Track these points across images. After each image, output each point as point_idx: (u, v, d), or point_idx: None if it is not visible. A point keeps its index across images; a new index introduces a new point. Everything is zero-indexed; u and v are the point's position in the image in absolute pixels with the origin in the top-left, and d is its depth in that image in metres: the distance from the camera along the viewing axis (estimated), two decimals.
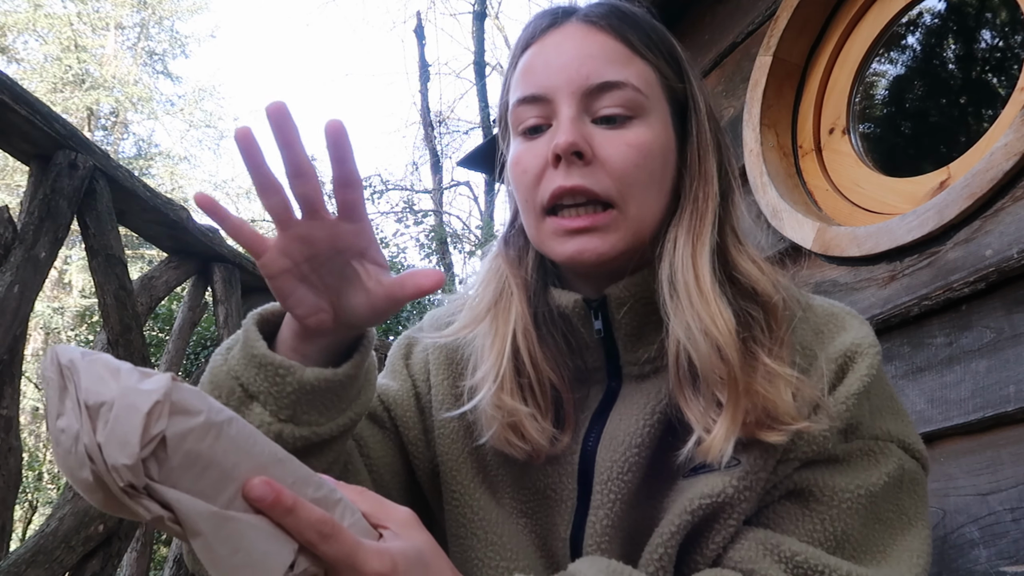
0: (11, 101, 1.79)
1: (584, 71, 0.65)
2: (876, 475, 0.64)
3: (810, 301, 0.73)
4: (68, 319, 13.03)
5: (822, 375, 0.65)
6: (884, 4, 1.69)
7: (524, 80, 0.68)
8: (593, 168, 0.64)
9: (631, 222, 0.65)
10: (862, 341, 0.67)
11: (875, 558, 0.63)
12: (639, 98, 0.66)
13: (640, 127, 0.66)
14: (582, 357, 0.71)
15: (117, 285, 2.08)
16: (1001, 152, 1.27)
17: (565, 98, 0.65)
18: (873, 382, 0.66)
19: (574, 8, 0.70)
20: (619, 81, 0.65)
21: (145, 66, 17.75)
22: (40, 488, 8.50)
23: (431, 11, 17.57)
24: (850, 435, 0.65)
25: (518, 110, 0.68)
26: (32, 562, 1.70)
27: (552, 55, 0.67)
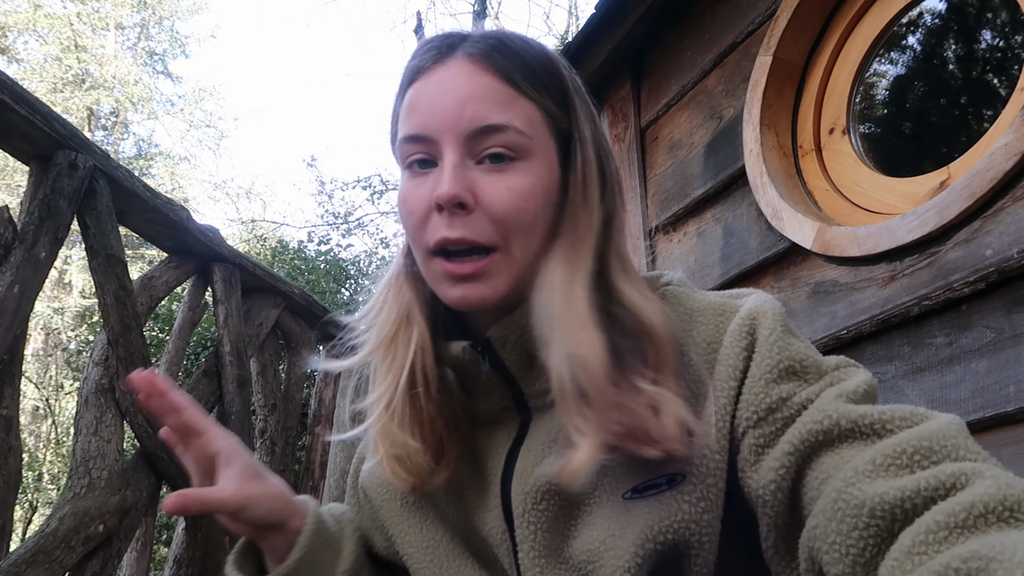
0: (11, 101, 1.79)
1: (467, 114, 0.64)
2: (852, 384, 0.61)
3: (702, 297, 0.72)
4: (68, 319, 13.03)
5: (730, 359, 0.64)
6: (884, 4, 1.69)
7: (410, 117, 0.67)
8: (476, 216, 0.64)
9: (515, 264, 0.65)
10: (756, 304, 0.67)
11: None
12: (522, 140, 0.65)
13: (523, 169, 0.65)
14: (488, 398, 0.71)
15: (117, 285, 2.08)
16: (1001, 152, 1.27)
17: (449, 142, 0.64)
18: (785, 324, 0.65)
19: (460, 40, 0.68)
20: (501, 124, 0.64)
21: (145, 66, 17.75)
22: (40, 488, 8.50)
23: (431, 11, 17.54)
24: (806, 375, 0.63)
25: (404, 146, 0.67)
26: (32, 562, 1.70)
27: (436, 94, 0.65)
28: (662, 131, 2.18)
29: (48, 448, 9.19)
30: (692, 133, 2.06)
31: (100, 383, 2.04)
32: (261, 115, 34.15)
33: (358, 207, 11.96)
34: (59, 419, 8.92)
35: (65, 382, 8.90)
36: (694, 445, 0.63)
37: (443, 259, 0.65)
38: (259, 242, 11.48)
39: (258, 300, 2.89)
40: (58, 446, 8.73)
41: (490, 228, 0.64)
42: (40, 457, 8.94)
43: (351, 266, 8.61)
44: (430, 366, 0.69)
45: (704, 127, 2.02)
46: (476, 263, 0.64)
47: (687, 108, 2.10)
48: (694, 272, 1.96)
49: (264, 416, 2.86)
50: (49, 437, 9.48)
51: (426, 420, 0.69)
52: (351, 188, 11.99)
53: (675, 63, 2.15)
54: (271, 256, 8.13)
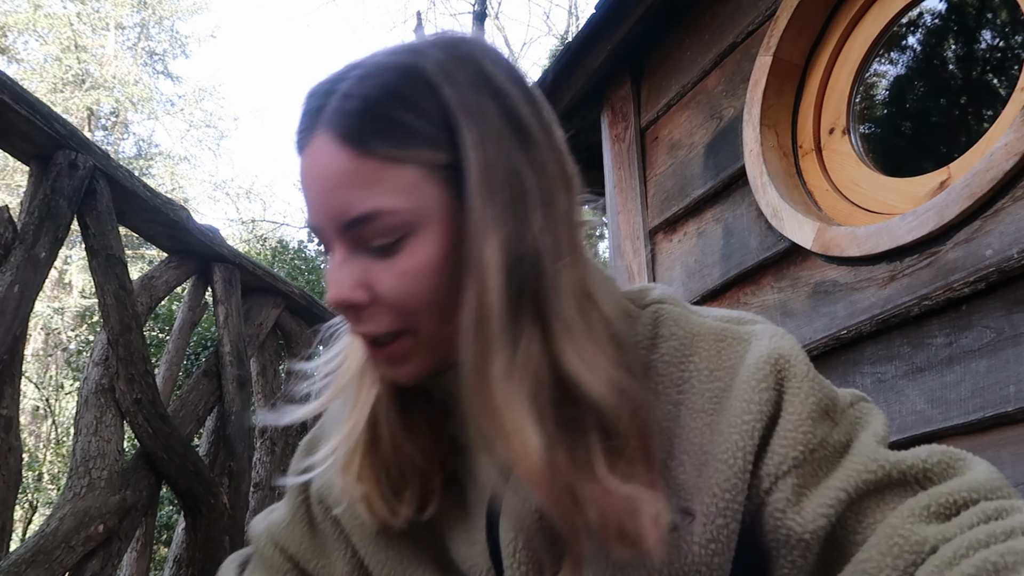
0: (11, 101, 1.79)
1: (335, 207, 0.57)
2: (878, 425, 0.61)
3: (699, 320, 0.66)
4: (68, 319, 13.03)
5: (753, 399, 0.59)
6: (884, 4, 1.69)
7: (304, 202, 0.63)
8: (374, 309, 0.58)
9: (428, 342, 0.60)
10: (779, 344, 0.62)
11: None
12: (400, 218, 0.56)
13: (413, 247, 0.57)
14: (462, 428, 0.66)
15: (117, 285, 2.08)
16: (1001, 152, 1.27)
17: (333, 236, 0.59)
18: (811, 365, 0.62)
19: (322, 104, 0.58)
20: (370, 213, 0.56)
21: (145, 66, 17.75)
22: (40, 488, 8.50)
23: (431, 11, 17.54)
24: (836, 415, 0.61)
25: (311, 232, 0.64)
26: (32, 562, 1.70)
27: (308, 185, 0.59)
28: (662, 131, 2.18)
29: (48, 448, 9.20)
30: (692, 133, 2.06)
31: (100, 383, 2.04)
32: (261, 115, 34.15)
33: None
34: (59, 419, 8.92)
35: (65, 382, 8.91)
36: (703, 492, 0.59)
37: (364, 343, 0.61)
38: (259, 242, 11.48)
39: (258, 300, 2.89)
40: (58, 446, 8.73)
41: (391, 317, 0.59)
42: (40, 457, 8.94)
43: None
44: (392, 406, 0.64)
45: (704, 127, 2.02)
46: (389, 348, 0.60)
47: (687, 108, 2.10)
48: (694, 272, 1.96)
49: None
50: (49, 437, 9.48)
51: (390, 463, 0.65)
52: None
53: (675, 63, 2.15)
54: (271, 256, 8.13)
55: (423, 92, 0.57)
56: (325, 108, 0.58)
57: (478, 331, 0.55)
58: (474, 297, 0.55)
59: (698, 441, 0.61)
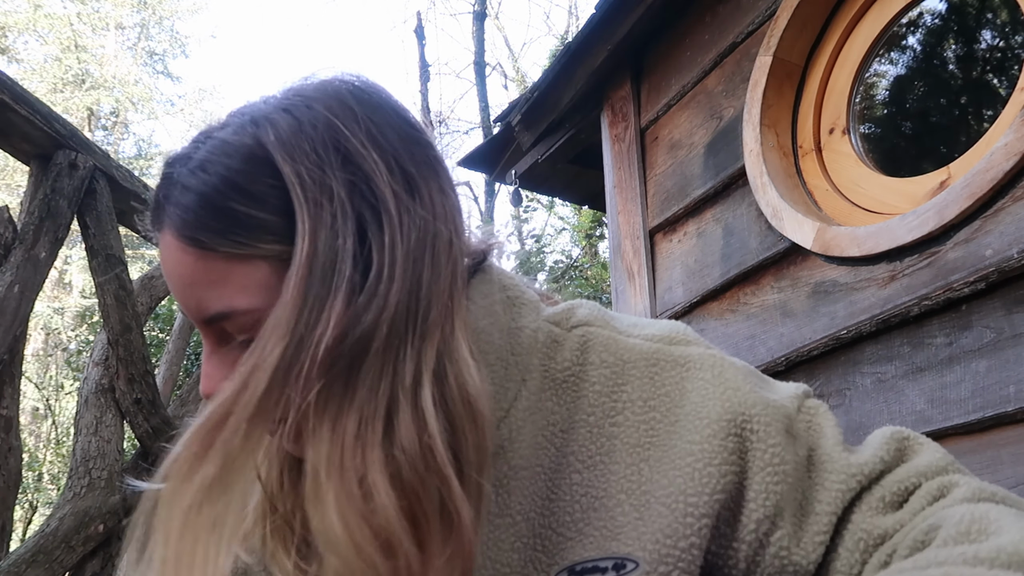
0: (11, 101, 1.79)
1: (191, 305, 0.55)
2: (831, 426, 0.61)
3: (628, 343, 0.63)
4: (68, 319, 13.03)
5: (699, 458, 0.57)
6: (884, 4, 1.69)
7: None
8: None
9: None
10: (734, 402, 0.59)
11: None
12: (254, 316, 0.53)
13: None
14: None
15: (117, 285, 2.08)
16: (1001, 152, 1.27)
17: (199, 326, 0.56)
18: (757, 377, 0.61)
19: (169, 188, 0.55)
20: (223, 312, 0.54)
21: (145, 66, 17.76)
22: (40, 488, 8.51)
23: (431, 11, 17.56)
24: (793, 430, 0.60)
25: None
26: (32, 562, 1.70)
27: (164, 274, 0.57)
28: (662, 131, 2.18)
29: (48, 448, 9.20)
30: (692, 133, 2.06)
31: (100, 383, 2.05)
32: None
33: None
34: (59, 419, 8.93)
35: (65, 382, 8.91)
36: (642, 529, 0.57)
37: None
38: None
39: None
40: (58, 446, 8.73)
41: None
42: (40, 457, 8.95)
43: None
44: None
45: (704, 127, 2.02)
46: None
47: (687, 108, 2.10)
48: (694, 272, 1.96)
49: None
50: (49, 437, 9.48)
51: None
52: None
53: (675, 63, 2.15)
54: None
55: (263, 176, 0.53)
56: (169, 199, 0.55)
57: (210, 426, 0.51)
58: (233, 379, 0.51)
59: (636, 479, 0.58)
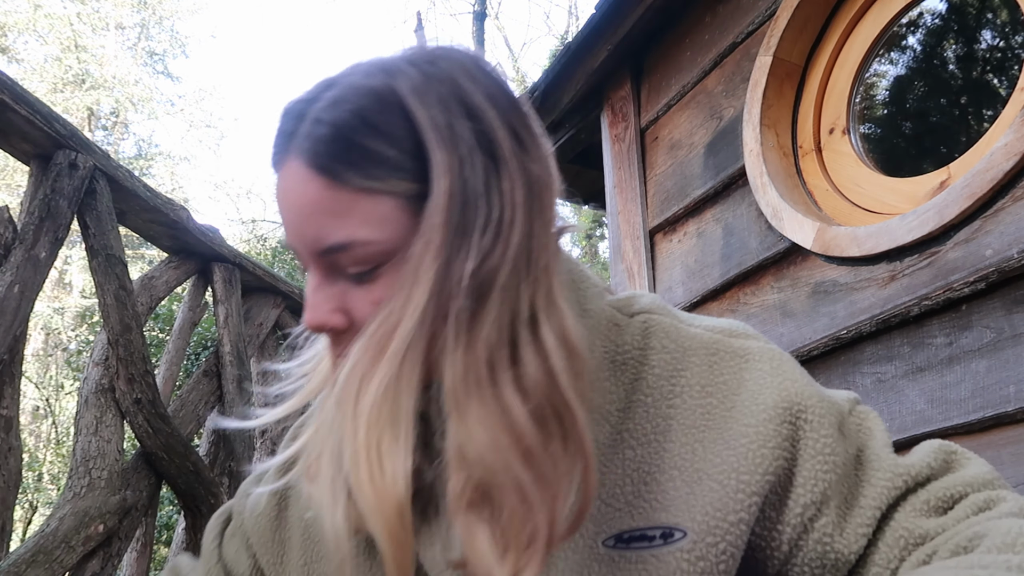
0: (11, 101, 1.79)
1: (310, 234, 0.57)
2: (881, 431, 0.64)
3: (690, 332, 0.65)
4: (68, 319, 13.03)
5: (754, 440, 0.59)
6: (884, 4, 1.69)
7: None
8: (352, 333, 0.58)
9: None
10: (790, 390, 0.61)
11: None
12: (374, 248, 0.55)
13: (385, 276, 0.57)
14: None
15: (117, 285, 2.08)
16: (1001, 152, 1.27)
17: (308, 260, 0.58)
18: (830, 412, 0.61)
19: (295, 126, 0.57)
20: (342, 244, 0.55)
21: (145, 66, 17.76)
22: (40, 488, 8.51)
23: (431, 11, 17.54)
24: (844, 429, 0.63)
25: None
26: (32, 562, 1.70)
27: (283, 205, 0.59)
28: (662, 131, 2.18)
29: (48, 448, 9.20)
30: (692, 133, 2.06)
31: (100, 383, 2.05)
32: (261, 115, 34.17)
33: None
34: (59, 419, 8.93)
35: (65, 382, 8.91)
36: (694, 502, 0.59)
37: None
38: (259, 242, 11.48)
39: (258, 300, 2.89)
40: (58, 446, 8.73)
41: None
42: (40, 457, 8.95)
43: None
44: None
45: (704, 127, 2.02)
46: None
47: (687, 108, 2.10)
48: (694, 272, 1.96)
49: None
50: (49, 437, 9.48)
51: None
52: None
53: (675, 63, 2.15)
54: (271, 256, 8.13)
55: (395, 118, 0.55)
56: (297, 132, 0.57)
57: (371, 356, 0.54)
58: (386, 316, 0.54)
59: (689, 457, 0.60)
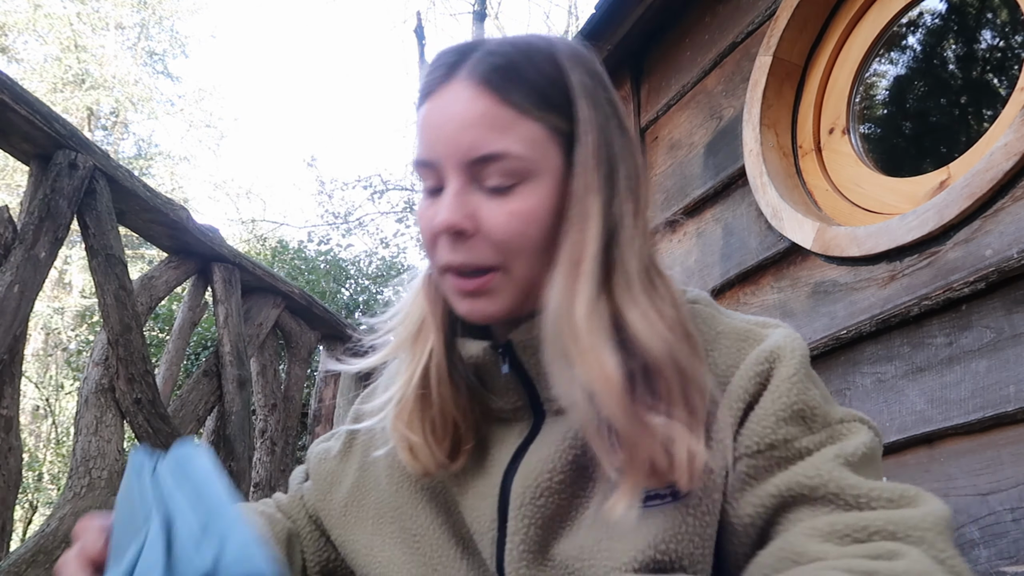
0: (11, 101, 1.79)
1: (465, 142, 0.64)
2: (852, 445, 0.63)
3: (727, 320, 0.71)
4: (68, 319, 13.03)
5: (742, 386, 0.65)
6: (884, 4, 1.69)
7: (420, 141, 0.68)
8: (476, 240, 0.65)
9: (517, 282, 0.66)
10: (781, 341, 0.67)
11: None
12: (522, 164, 0.65)
13: (526, 192, 0.65)
14: (504, 397, 0.73)
15: (117, 285, 2.08)
16: (1001, 152, 1.27)
17: (451, 169, 0.65)
18: (805, 368, 0.65)
19: (465, 56, 0.67)
20: (499, 153, 0.64)
21: (145, 66, 17.75)
22: (40, 488, 8.51)
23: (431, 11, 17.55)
24: (811, 423, 0.64)
25: (417, 169, 0.69)
26: (32, 562, 1.70)
27: (439, 119, 0.66)
28: (662, 131, 2.18)
29: (48, 448, 9.20)
30: (692, 133, 2.06)
31: (100, 383, 2.04)
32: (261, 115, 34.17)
33: (358, 207, 11.97)
34: (59, 419, 8.93)
35: (65, 382, 8.91)
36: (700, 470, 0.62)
37: (452, 275, 0.67)
38: (259, 242, 11.48)
39: (258, 300, 2.89)
40: (58, 446, 8.73)
41: (490, 252, 0.65)
42: (40, 457, 8.95)
43: (351, 266, 8.61)
44: (441, 367, 0.71)
45: (704, 127, 2.02)
46: (479, 280, 0.66)
47: (687, 108, 2.10)
48: (694, 272, 1.96)
49: (264, 416, 2.86)
50: (49, 437, 9.48)
51: (436, 417, 0.71)
52: (351, 188, 12.00)
53: (675, 63, 2.15)
54: (271, 256, 8.13)
55: (554, 68, 0.67)
56: (465, 61, 0.66)
57: (571, 273, 0.63)
58: (575, 243, 0.64)
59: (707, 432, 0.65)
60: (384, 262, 9.18)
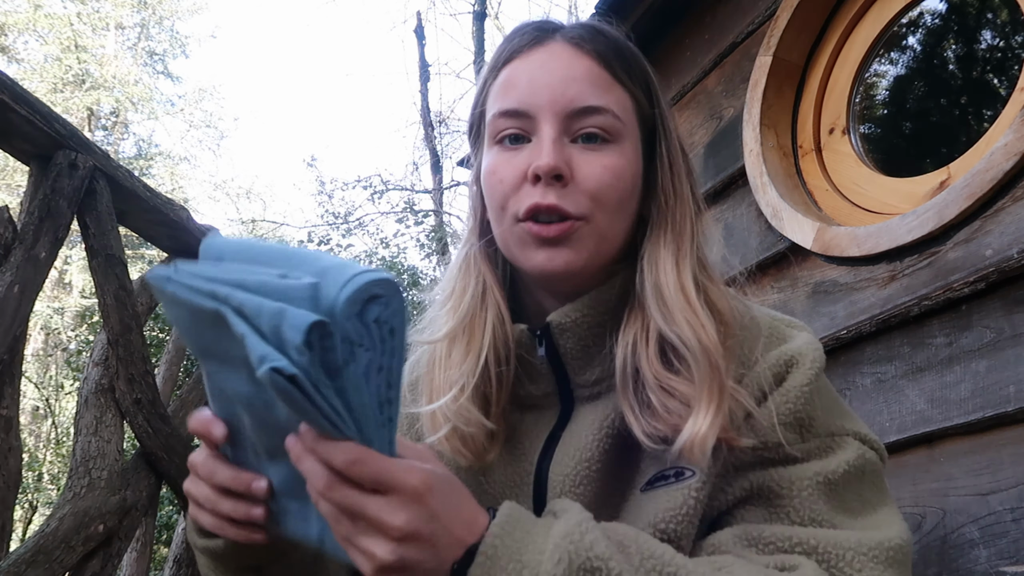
0: (11, 101, 1.78)
1: (569, 93, 0.68)
2: (835, 463, 0.65)
3: (755, 314, 0.75)
4: (68, 319, 13.03)
5: (758, 381, 0.67)
6: (884, 4, 1.69)
7: (506, 93, 0.70)
8: (569, 189, 0.67)
9: (598, 237, 0.68)
10: (803, 347, 0.69)
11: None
12: (617, 124, 0.69)
13: (615, 151, 0.69)
14: (534, 383, 0.73)
15: (117, 285, 2.08)
16: (1001, 152, 1.27)
17: (548, 117, 0.68)
18: (818, 379, 0.68)
19: (560, 26, 0.72)
20: (600, 106, 0.68)
21: (145, 66, 17.75)
22: (40, 488, 8.50)
23: (431, 11, 17.55)
24: (806, 433, 0.67)
25: (498, 121, 0.70)
26: (32, 562, 1.70)
27: (537, 73, 0.69)
28: None
29: (48, 448, 9.19)
30: (692, 133, 2.06)
31: (100, 383, 2.04)
32: (261, 115, 34.17)
33: (358, 207, 11.96)
34: (59, 419, 8.92)
35: (65, 382, 8.90)
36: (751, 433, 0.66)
37: (531, 222, 0.67)
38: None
39: None
40: (58, 446, 8.73)
41: (582, 200, 0.67)
42: (40, 457, 8.94)
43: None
44: (508, 346, 0.71)
45: (704, 127, 2.02)
46: (562, 225, 0.66)
47: (687, 108, 2.09)
48: None
49: None
50: (49, 437, 9.48)
51: (494, 400, 0.71)
52: (351, 188, 11.99)
53: (675, 63, 2.15)
54: None
55: (638, 56, 0.74)
56: (561, 29, 0.71)
57: (677, 247, 0.69)
58: (678, 219, 0.70)
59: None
60: (384, 262, 9.18)
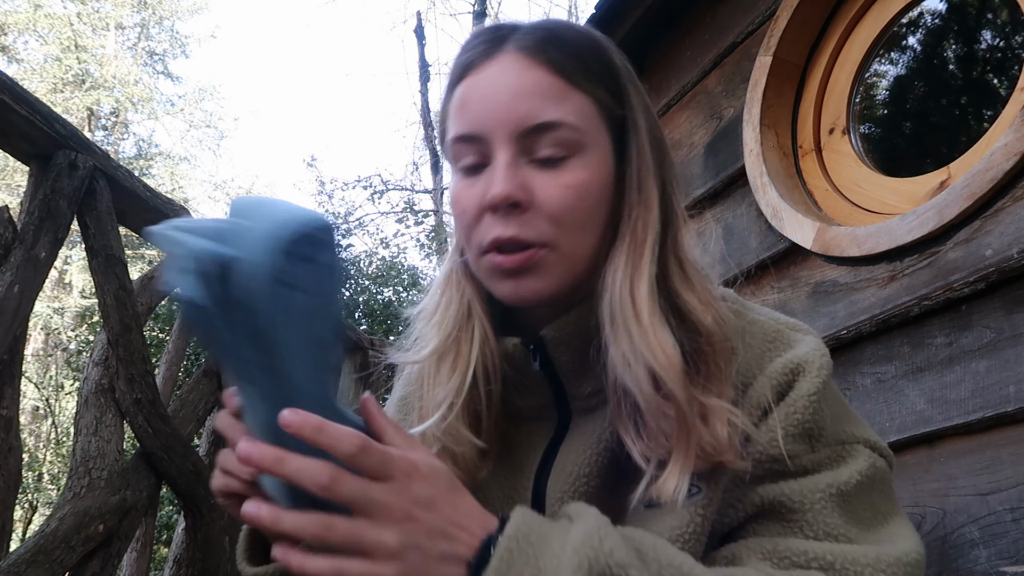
0: (11, 101, 1.78)
1: (520, 112, 0.63)
2: (846, 473, 0.63)
3: (754, 318, 0.71)
4: (68, 319, 13.03)
5: (762, 394, 0.64)
6: (884, 4, 1.69)
7: (460, 116, 0.66)
8: (529, 215, 0.63)
9: (566, 259, 0.65)
10: (809, 354, 0.66)
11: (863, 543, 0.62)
12: (576, 136, 0.64)
13: (577, 165, 0.64)
14: (530, 395, 0.71)
15: (117, 285, 2.08)
16: (1001, 152, 1.27)
17: (501, 140, 0.63)
18: (825, 387, 0.65)
19: (510, 32, 0.66)
20: (554, 121, 0.63)
21: (145, 66, 17.74)
22: (40, 488, 8.50)
23: (431, 11, 17.57)
24: (815, 443, 0.64)
25: (455, 147, 0.67)
26: (32, 562, 1.69)
27: (487, 91, 0.64)
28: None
29: (48, 448, 9.19)
30: (692, 133, 2.06)
31: (100, 383, 2.04)
32: (261, 115, 34.17)
33: (358, 207, 11.97)
34: (59, 419, 8.92)
35: (65, 382, 8.90)
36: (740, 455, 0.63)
37: (495, 253, 0.64)
38: None
39: None
40: (58, 446, 8.72)
41: (543, 225, 0.63)
42: (40, 457, 8.94)
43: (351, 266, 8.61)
44: (495, 363, 0.69)
45: (704, 127, 2.02)
46: (524, 255, 0.63)
47: (687, 108, 2.09)
48: None
49: None
50: (49, 437, 9.47)
51: (484, 416, 0.69)
52: (351, 188, 12.00)
53: (675, 63, 2.15)
54: None
55: (601, 52, 0.68)
56: (512, 37, 0.66)
57: (635, 254, 0.64)
58: (639, 225, 0.65)
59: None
60: (384, 262, 9.18)
